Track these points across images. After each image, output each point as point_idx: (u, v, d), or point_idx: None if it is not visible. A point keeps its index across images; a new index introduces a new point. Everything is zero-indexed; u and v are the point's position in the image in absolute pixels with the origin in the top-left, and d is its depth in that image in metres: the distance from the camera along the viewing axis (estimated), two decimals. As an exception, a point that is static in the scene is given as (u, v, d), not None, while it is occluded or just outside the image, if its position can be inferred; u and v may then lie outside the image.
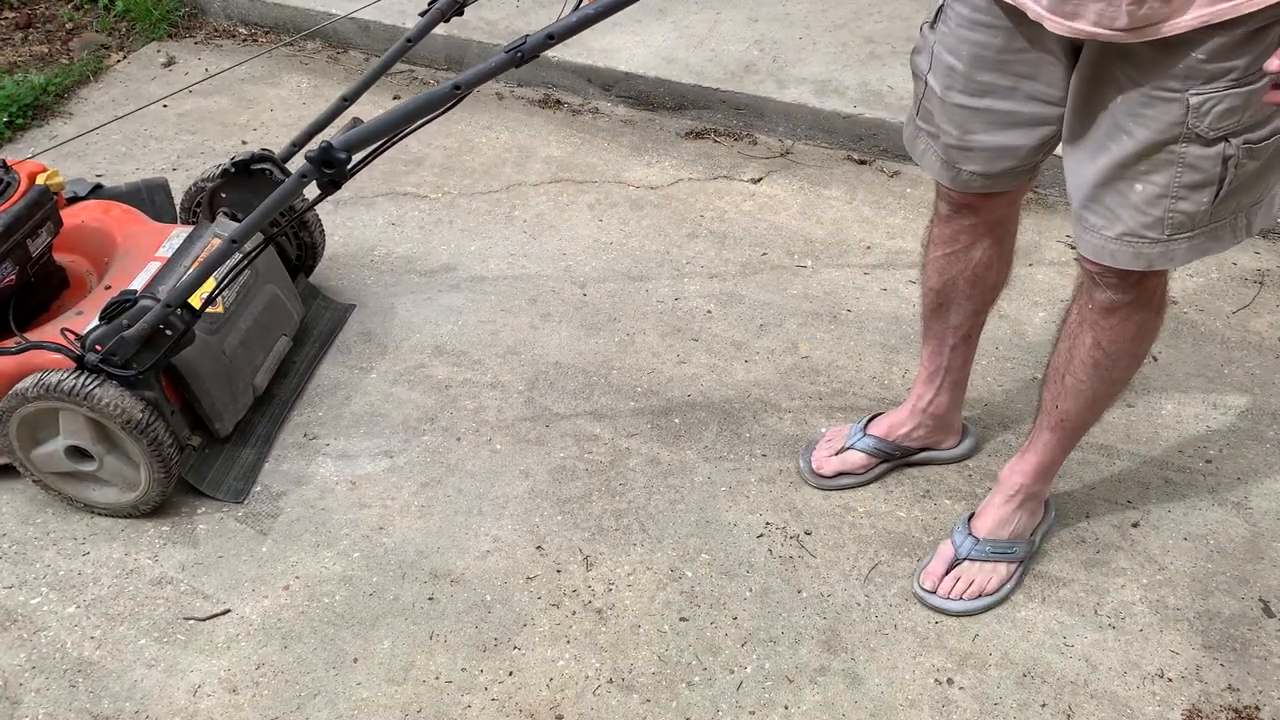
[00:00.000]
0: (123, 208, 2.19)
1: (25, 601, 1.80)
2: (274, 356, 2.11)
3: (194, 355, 1.84)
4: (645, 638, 1.74)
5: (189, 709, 1.64)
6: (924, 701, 1.65)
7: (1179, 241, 1.35)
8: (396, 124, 1.52)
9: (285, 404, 2.15)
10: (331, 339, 2.31)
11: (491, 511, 1.94)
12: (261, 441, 2.06)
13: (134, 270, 2.00)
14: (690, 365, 2.25)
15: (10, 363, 1.83)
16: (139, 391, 1.78)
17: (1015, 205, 1.68)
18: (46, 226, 1.96)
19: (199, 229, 2.08)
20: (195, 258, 1.98)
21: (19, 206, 1.88)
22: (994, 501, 1.79)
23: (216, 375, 1.92)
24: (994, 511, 1.78)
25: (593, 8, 1.35)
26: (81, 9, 3.64)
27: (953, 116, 1.51)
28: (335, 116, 2.08)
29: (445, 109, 1.51)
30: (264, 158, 2.09)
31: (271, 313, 2.11)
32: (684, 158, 2.92)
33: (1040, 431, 1.70)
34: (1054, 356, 1.61)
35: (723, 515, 1.93)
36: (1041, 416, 1.69)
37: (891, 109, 2.88)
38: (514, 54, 1.39)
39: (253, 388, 2.05)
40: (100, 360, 1.76)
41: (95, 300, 1.94)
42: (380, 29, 3.37)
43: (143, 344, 1.75)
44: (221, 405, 1.95)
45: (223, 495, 1.96)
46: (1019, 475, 1.75)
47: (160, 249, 2.05)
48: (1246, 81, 1.21)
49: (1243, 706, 1.64)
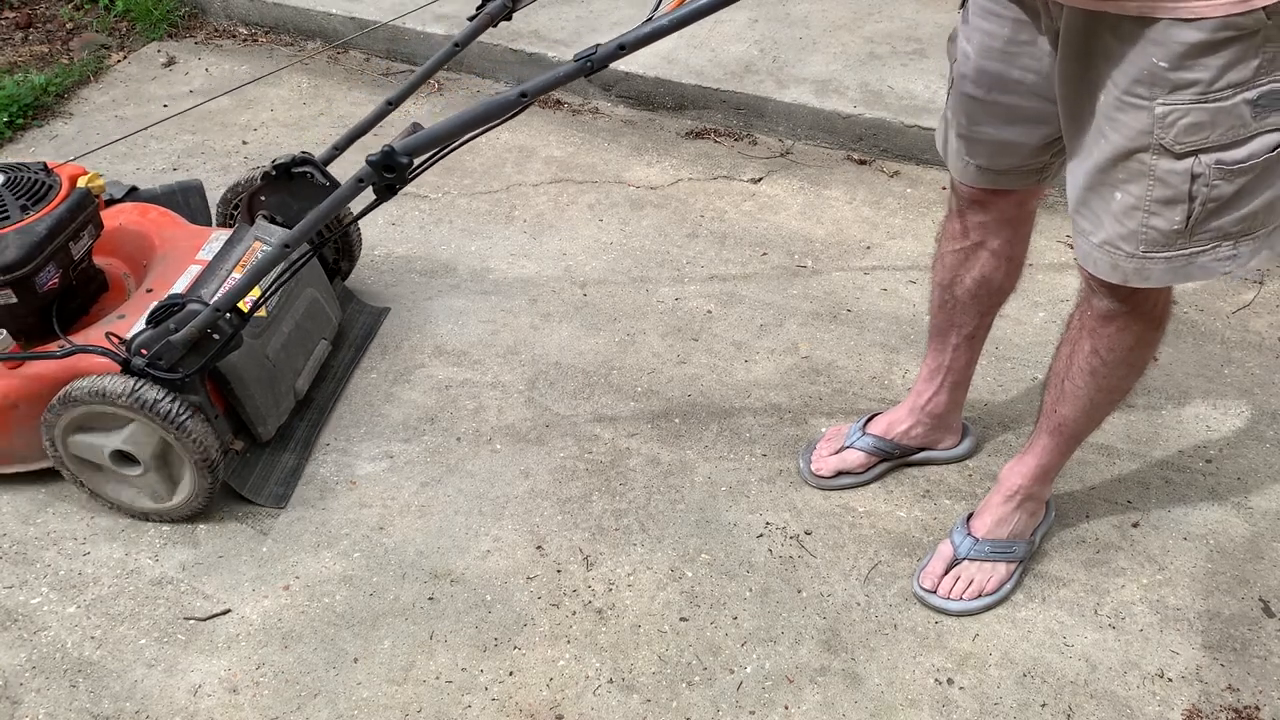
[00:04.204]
0: (160, 210, 2.18)
1: (25, 601, 1.80)
2: (314, 360, 2.10)
3: (239, 359, 1.83)
4: (645, 638, 1.74)
5: (189, 709, 1.64)
6: (924, 701, 1.65)
7: (1154, 260, 1.33)
8: (460, 129, 1.49)
9: (324, 409, 2.13)
10: (367, 343, 2.30)
11: (491, 511, 1.94)
12: (301, 446, 2.05)
13: (174, 274, 1.99)
14: (690, 365, 2.25)
15: (55, 366, 1.82)
16: (184, 396, 1.77)
17: (1027, 208, 1.68)
18: (88, 229, 1.94)
19: (238, 232, 2.06)
20: (237, 261, 1.97)
21: (62, 209, 1.87)
22: (993, 501, 1.79)
23: (260, 379, 1.91)
24: (993, 511, 1.78)
25: (667, 18, 1.32)
26: (81, 9, 3.64)
27: (963, 105, 1.52)
28: (379, 120, 2.04)
29: (510, 116, 1.47)
30: (305, 160, 2.06)
31: (312, 317, 2.09)
32: (684, 158, 2.92)
33: (1040, 434, 1.70)
34: (1055, 360, 1.61)
35: (723, 515, 1.93)
36: (1042, 419, 1.69)
37: (892, 109, 2.88)
38: (583, 63, 1.37)
39: (294, 392, 2.03)
40: (146, 364, 1.74)
41: (137, 304, 1.93)
42: (380, 29, 3.38)
43: (189, 348, 1.73)
44: (265, 409, 1.94)
45: (264, 501, 1.94)
46: (1018, 476, 1.75)
47: (200, 252, 2.03)
48: (1212, 98, 1.19)
49: (1243, 706, 1.64)
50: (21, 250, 1.79)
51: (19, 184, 1.88)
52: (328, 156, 2.11)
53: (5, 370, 1.85)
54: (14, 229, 1.81)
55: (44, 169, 1.93)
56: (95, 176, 1.95)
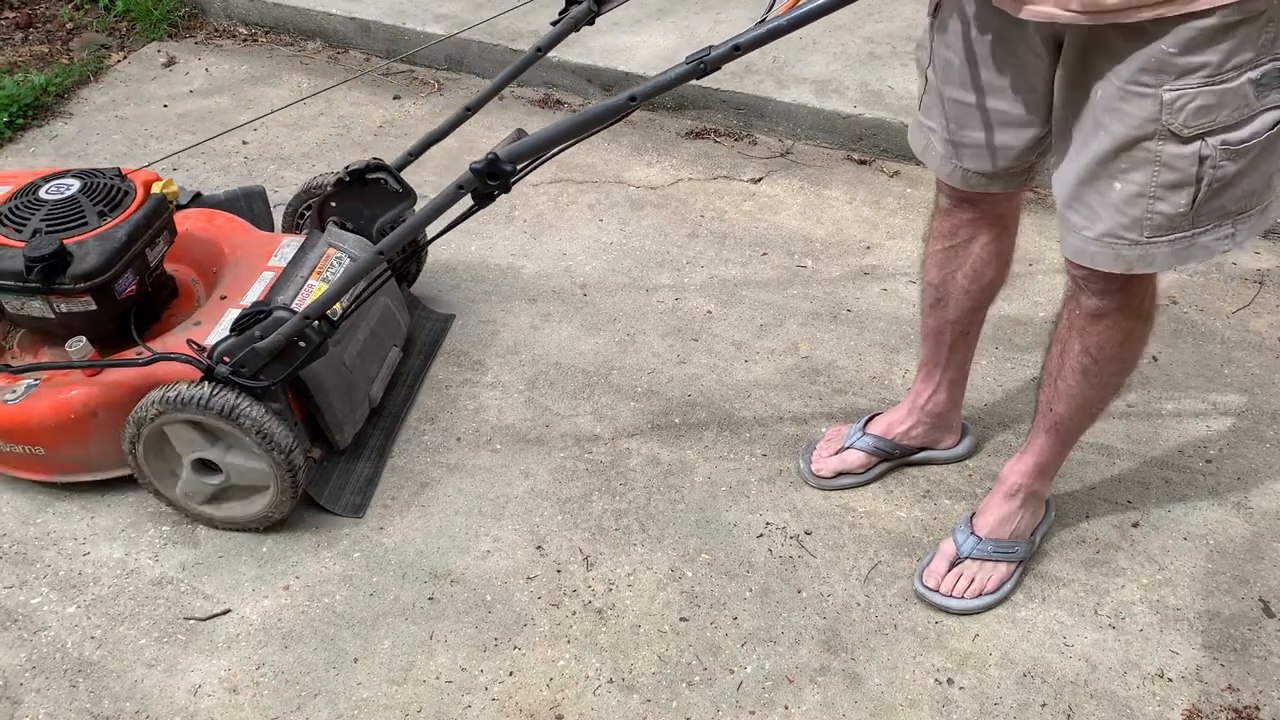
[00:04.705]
0: (226, 216, 2.17)
1: (25, 601, 1.80)
2: (387, 367, 2.08)
3: (319, 366, 1.80)
4: (645, 638, 1.74)
5: (189, 709, 1.64)
6: (924, 701, 1.65)
7: (1159, 244, 1.34)
8: (565, 135, 1.46)
9: (396, 417, 2.11)
10: (435, 349, 2.28)
11: (491, 511, 1.94)
12: (376, 455, 2.03)
13: (247, 280, 1.98)
14: (690, 365, 2.25)
15: (136, 374, 1.80)
16: (267, 403, 1.74)
17: (1015, 202, 1.69)
18: (164, 236, 1.93)
19: (311, 238, 2.04)
20: (313, 268, 1.95)
21: (139, 216, 1.86)
22: (994, 500, 1.79)
23: (339, 387, 1.89)
24: (995, 510, 1.78)
25: (784, 18, 1.30)
26: (81, 9, 3.64)
27: (948, 111, 1.52)
28: (456, 126, 2.03)
29: (617, 119, 1.45)
30: (379, 166, 2.03)
31: (384, 324, 2.08)
32: (684, 158, 2.92)
33: (1038, 432, 1.70)
34: (1048, 360, 1.62)
35: (723, 515, 1.93)
36: (1038, 418, 1.69)
37: (892, 109, 2.88)
38: (696, 65, 1.35)
39: (369, 399, 2.02)
40: (230, 371, 1.72)
41: (211, 311, 1.92)
42: (380, 29, 3.38)
43: (274, 356, 1.71)
44: (343, 417, 1.92)
45: (341, 510, 1.92)
46: (1018, 474, 1.75)
47: (272, 258, 2.02)
48: (1220, 79, 1.20)
49: (1243, 706, 1.64)
50: (102, 257, 1.78)
51: (95, 190, 1.87)
52: (401, 163, 2.08)
53: (84, 378, 1.83)
54: (93, 235, 1.80)
55: (119, 174, 1.91)
56: (169, 183, 1.94)
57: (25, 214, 1.83)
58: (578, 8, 1.83)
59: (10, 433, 1.86)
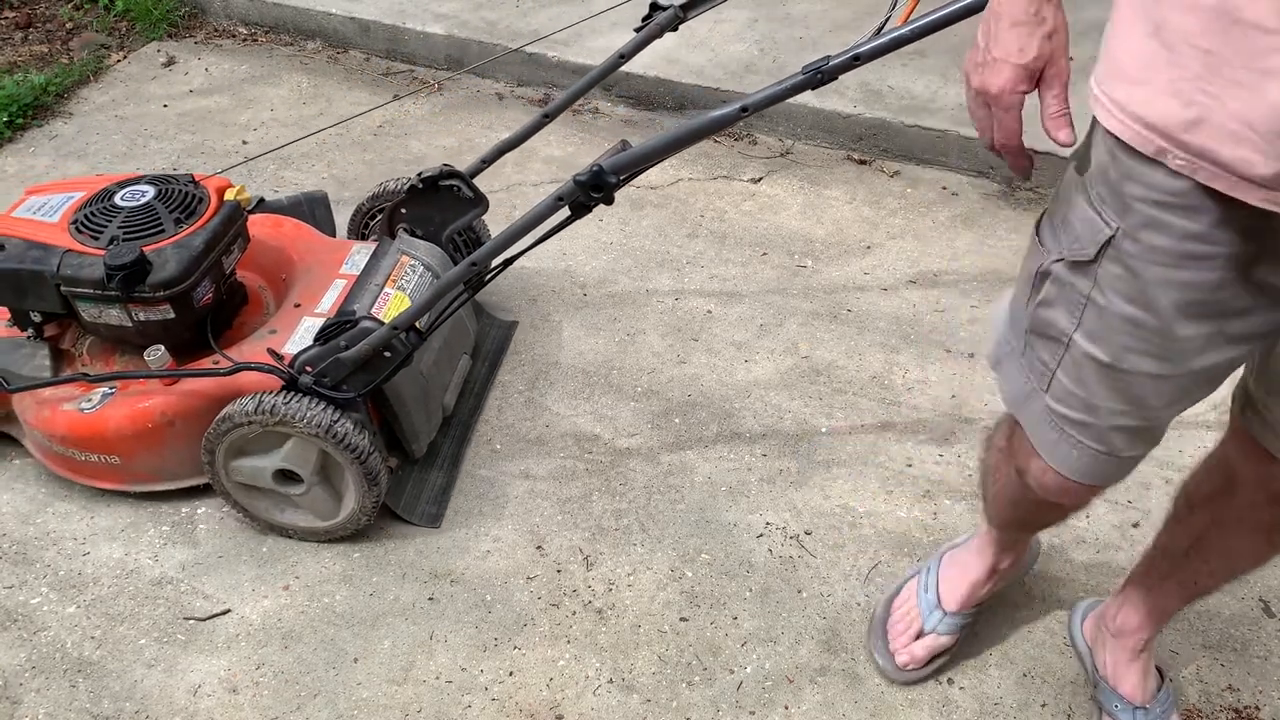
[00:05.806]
0: (293, 222, 2.15)
1: (25, 601, 1.80)
2: (458, 375, 2.07)
3: (398, 376, 1.78)
4: (645, 638, 1.74)
5: (189, 709, 1.64)
6: (924, 701, 1.65)
7: None
8: (673, 146, 1.43)
9: (467, 425, 2.10)
10: (501, 356, 2.27)
11: (491, 511, 1.94)
12: (449, 464, 2.01)
13: (320, 288, 1.96)
14: (690, 365, 2.25)
15: (216, 384, 1.79)
16: (349, 413, 1.73)
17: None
18: (238, 243, 1.91)
19: (383, 246, 2.02)
20: (387, 276, 1.93)
21: (215, 222, 1.83)
22: (1121, 658, 1.59)
23: (416, 396, 1.88)
24: (1131, 671, 1.58)
25: (906, 29, 1.27)
26: (81, 9, 3.65)
27: (1132, 390, 1.11)
28: (534, 132, 2.01)
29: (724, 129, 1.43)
30: (451, 174, 2.01)
31: (456, 332, 2.07)
32: (684, 157, 2.92)
33: (1169, 598, 1.52)
34: (1205, 547, 1.41)
35: (723, 515, 1.93)
36: (1172, 585, 1.50)
37: (892, 109, 2.88)
38: (813, 74, 1.32)
39: (444, 407, 2.01)
40: (313, 381, 1.70)
41: (285, 319, 1.90)
42: (380, 29, 3.38)
43: (358, 366, 1.69)
44: (419, 426, 1.91)
45: (418, 520, 1.91)
46: (1144, 630, 1.56)
47: (343, 266, 2.01)
48: None
49: (1243, 706, 1.64)
50: (181, 265, 1.75)
51: (171, 196, 1.84)
52: (474, 169, 2.07)
53: (162, 386, 1.82)
54: (170, 243, 1.77)
55: (192, 181, 1.89)
56: (241, 189, 1.91)
57: (102, 221, 1.80)
58: (663, 14, 1.81)
59: (86, 441, 1.84)
